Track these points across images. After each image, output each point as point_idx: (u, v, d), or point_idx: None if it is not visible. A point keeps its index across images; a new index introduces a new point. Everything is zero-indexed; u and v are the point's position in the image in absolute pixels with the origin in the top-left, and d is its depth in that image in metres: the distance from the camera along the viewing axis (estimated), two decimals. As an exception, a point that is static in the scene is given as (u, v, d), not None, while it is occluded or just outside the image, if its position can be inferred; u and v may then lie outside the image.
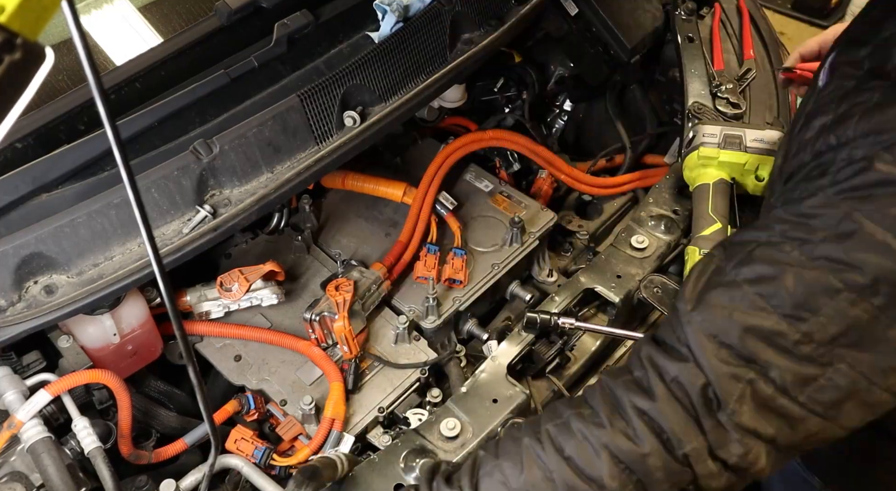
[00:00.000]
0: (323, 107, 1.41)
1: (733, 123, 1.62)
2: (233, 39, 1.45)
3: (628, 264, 1.56)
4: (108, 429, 1.31)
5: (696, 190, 1.56)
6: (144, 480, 1.31)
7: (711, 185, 1.52)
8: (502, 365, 1.40)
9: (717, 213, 1.47)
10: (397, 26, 1.51)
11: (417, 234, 1.64)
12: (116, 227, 1.26)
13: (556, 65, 2.07)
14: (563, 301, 1.50)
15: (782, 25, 4.52)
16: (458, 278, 1.57)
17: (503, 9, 1.66)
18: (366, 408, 1.41)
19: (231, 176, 1.35)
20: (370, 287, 1.49)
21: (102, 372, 1.26)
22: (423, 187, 1.67)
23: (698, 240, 1.45)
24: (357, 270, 1.53)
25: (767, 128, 1.58)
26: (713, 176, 1.53)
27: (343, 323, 1.40)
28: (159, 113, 1.34)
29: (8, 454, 1.22)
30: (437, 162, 1.71)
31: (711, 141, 1.54)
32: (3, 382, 1.23)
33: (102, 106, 0.67)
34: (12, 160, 1.25)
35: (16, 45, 0.58)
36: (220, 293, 1.48)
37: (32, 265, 1.23)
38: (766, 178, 1.52)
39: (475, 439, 1.29)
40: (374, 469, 1.25)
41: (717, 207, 1.49)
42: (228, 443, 1.31)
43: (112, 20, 1.62)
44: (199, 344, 1.50)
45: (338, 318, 1.41)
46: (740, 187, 1.57)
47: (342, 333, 1.40)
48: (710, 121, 1.64)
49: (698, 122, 1.63)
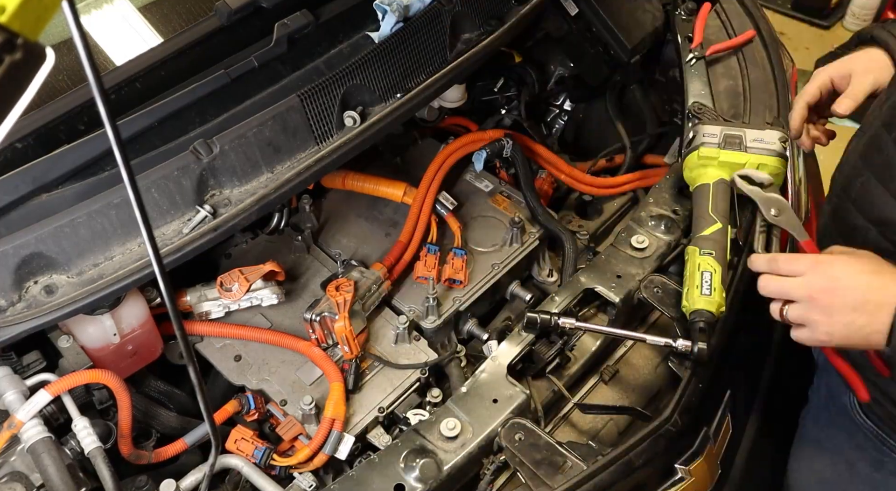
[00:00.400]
0: (323, 107, 1.41)
1: (733, 124, 1.62)
2: (233, 39, 1.45)
3: (628, 264, 1.56)
4: (108, 429, 1.31)
5: (696, 190, 1.56)
6: (144, 480, 1.31)
7: (712, 185, 1.52)
8: (502, 365, 1.40)
9: (718, 213, 1.47)
10: (397, 26, 1.51)
11: (417, 235, 1.64)
12: (116, 228, 1.26)
13: (556, 65, 2.07)
14: (563, 301, 1.50)
15: (782, 25, 4.52)
16: (459, 278, 1.58)
17: (503, 9, 1.66)
18: (366, 408, 1.41)
19: (231, 176, 1.35)
20: (370, 287, 1.49)
21: (102, 372, 1.25)
22: (423, 188, 1.67)
23: (698, 240, 1.45)
24: (357, 270, 1.53)
25: (767, 128, 1.57)
26: (713, 176, 1.53)
27: (344, 323, 1.40)
28: (159, 113, 1.34)
29: (8, 454, 1.22)
30: (437, 162, 1.72)
31: (712, 141, 1.54)
32: (3, 382, 1.23)
33: (103, 106, 0.67)
34: (12, 160, 1.25)
35: (16, 45, 0.58)
36: (221, 293, 1.48)
37: (32, 265, 1.23)
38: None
39: (475, 439, 1.29)
40: (374, 469, 1.25)
41: (718, 207, 1.49)
42: (228, 443, 1.31)
43: (112, 20, 1.62)
44: (199, 344, 1.50)
45: (338, 318, 1.41)
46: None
47: (343, 333, 1.40)
48: (710, 121, 1.64)
49: (698, 122, 1.63)
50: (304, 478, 1.30)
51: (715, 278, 1.37)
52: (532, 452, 1.27)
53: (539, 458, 1.26)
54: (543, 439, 1.29)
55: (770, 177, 1.47)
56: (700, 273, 1.38)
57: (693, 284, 1.38)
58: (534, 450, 1.27)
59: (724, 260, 1.41)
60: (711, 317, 1.35)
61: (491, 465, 1.31)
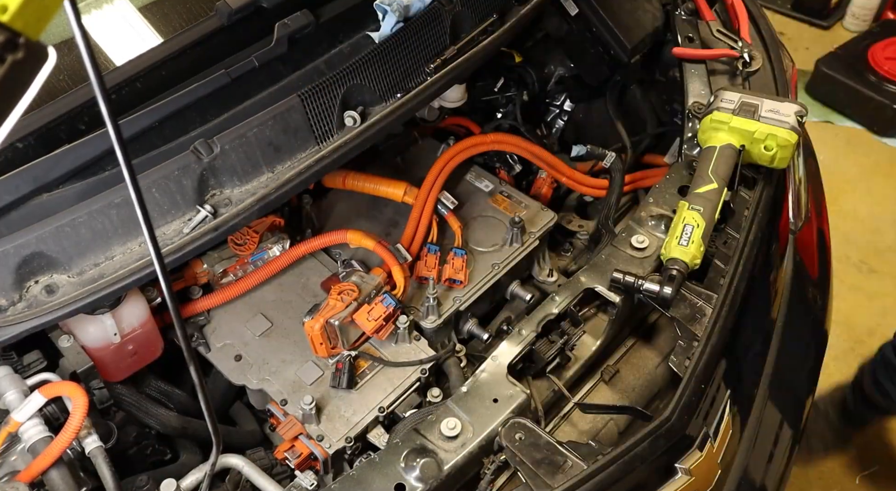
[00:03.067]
0: (323, 107, 1.41)
1: (756, 93, 1.64)
2: (233, 39, 1.45)
3: (628, 264, 1.56)
4: (109, 429, 1.31)
5: (703, 150, 1.59)
6: (145, 480, 1.31)
7: (719, 147, 1.56)
8: (503, 365, 1.40)
9: (716, 174, 1.52)
10: (398, 26, 1.51)
11: (418, 239, 1.63)
12: (117, 227, 1.27)
13: (556, 65, 2.08)
14: (563, 301, 1.50)
15: (782, 25, 4.53)
16: (459, 278, 1.58)
17: (503, 9, 1.66)
18: (366, 408, 1.41)
19: (232, 176, 1.35)
20: (370, 293, 1.49)
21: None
22: (424, 192, 1.67)
23: (692, 196, 1.51)
24: (358, 274, 1.53)
25: (788, 101, 1.59)
26: (722, 140, 1.57)
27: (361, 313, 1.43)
28: (160, 113, 1.34)
29: (8, 453, 1.22)
30: (438, 167, 1.71)
31: (727, 106, 1.59)
32: (3, 381, 1.23)
33: (105, 106, 0.68)
34: (13, 160, 1.25)
35: (18, 44, 0.58)
36: (233, 248, 1.53)
37: (33, 265, 1.23)
38: (774, 148, 1.55)
39: (476, 439, 1.29)
40: (374, 468, 1.25)
41: (718, 169, 1.53)
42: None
43: (112, 20, 1.62)
44: (200, 346, 1.50)
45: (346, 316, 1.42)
46: (750, 155, 1.60)
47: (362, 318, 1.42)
48: (732, 87, 1.69)
49: (721, 88, 1.67)
50: (305, 477, 1.30)
51: (696, 232, 1.43)
52: (532, 451, 1.27)
53: (539, 457, 1.26)
54: (544, 439, 1.29)
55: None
56: (683, 225, 1.45)
57: (674, 235, 1.45)
58: (534, 449, 1.27)
59: (712, 218, 1.47)
60: (685, 266, 1.42)
61: (491, 464, 1.32)
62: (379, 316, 1.43)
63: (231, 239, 1.53)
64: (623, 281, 1.45)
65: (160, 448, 1.46)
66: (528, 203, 1.75)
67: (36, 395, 1.19)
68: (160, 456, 1.46)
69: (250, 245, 1.54)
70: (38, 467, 1.14)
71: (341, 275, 1.55)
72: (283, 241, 1.60)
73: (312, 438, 1.35)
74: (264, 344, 1.50)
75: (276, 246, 1.59)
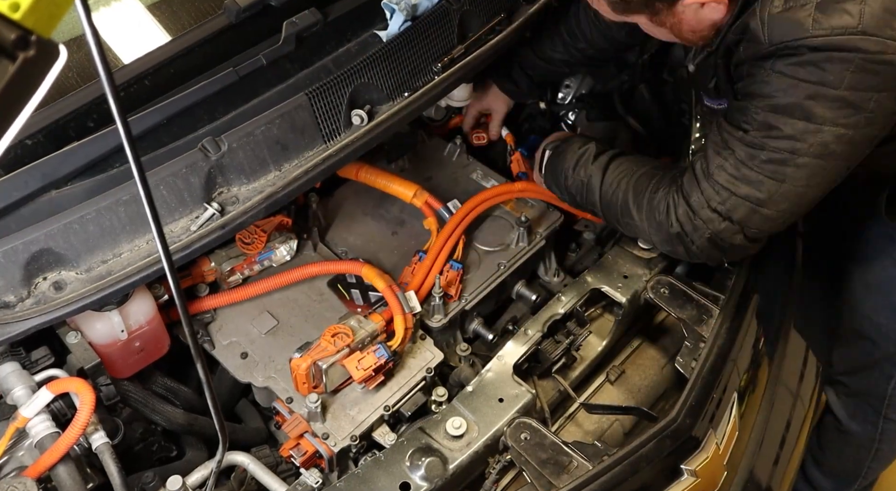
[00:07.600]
0: (331, 105, 1.41)
1: None
2: (241, 37, 1.45)
3: (635, 265, 1.56)
4: (116, 425, 1.32)
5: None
6: (151, 476, 1.32)
7: None
8: (508, 364, 1.40)
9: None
10: (405, 25, 1.51)
11: (426, 287, 1.55)
12: (125, 224, 1.27)
13: (578, 82, 2.03)
14: (569, 301, 1.50)
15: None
16: (450, 292, 1.54)
17: (511, 7, 1.66)
18: (371, 406, 1.41)
19: (239, 174, 1.35)
20: (365, 340, 1.41)
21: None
22: (441, 241, 1.59)
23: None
24: (355, 318, 1.45)
25: None
26: None
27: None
28: (168, 110, 1.34)
29: (16, 449, 1.22)
30: (459, 216, 1.64)
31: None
32: (11, 377, 1.23)
33: (114, 103, 0.68)
34: (22, 157, 1.25)
35: (30, 42, 0.59)
36: (241, 247, 1.52)
37: (42, 261, 1.23)
38: None
39: (481, 438, 1.29)
40: (379, 467, 1.25)
41: None
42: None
43: (121, 18, 1.62)
44: (206, 343, 1.50)
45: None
46: None
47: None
48: None
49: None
50: (310, 475, 1.30)
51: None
52: (538, 451, 1.27)
53: (545, 457, 1.26)
54: (549, 439, 1.29)
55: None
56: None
57: None
58: (539, 449, 1.27)
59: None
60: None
61: (496, 464, 1.32)
62: (369, 366, 1.35)
63: (239, 237, 1.53)
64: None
65: (166, 445, 1.46)
66: (534, 202, 1.74)
67: (43, 391, 1.20)
68: (166, 453, 1.46)
69: (258, 244, 1.54)
70: (46, 463, 1.15)
71: (339, 320, 1.47)
72: (291, 240, 1.60)
73: (318, 436, 1.35)
74: (270, 342, 1.50)
75: (284, 245, 1.59)
